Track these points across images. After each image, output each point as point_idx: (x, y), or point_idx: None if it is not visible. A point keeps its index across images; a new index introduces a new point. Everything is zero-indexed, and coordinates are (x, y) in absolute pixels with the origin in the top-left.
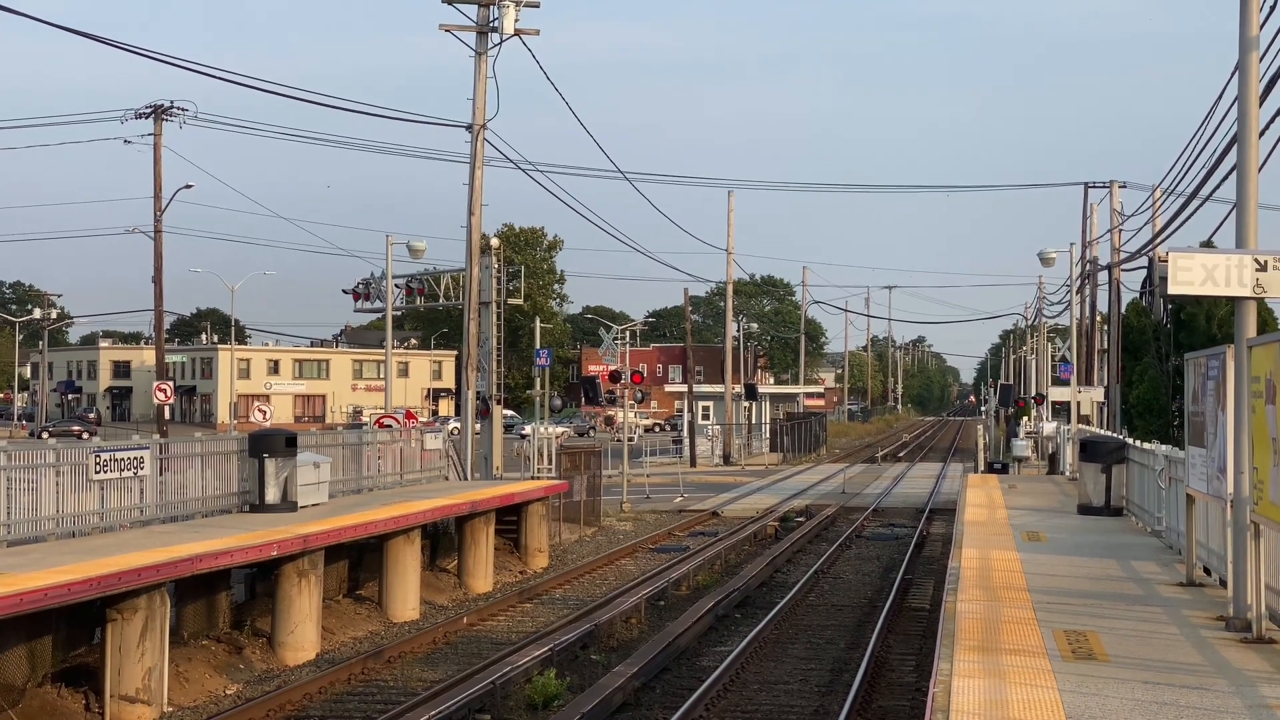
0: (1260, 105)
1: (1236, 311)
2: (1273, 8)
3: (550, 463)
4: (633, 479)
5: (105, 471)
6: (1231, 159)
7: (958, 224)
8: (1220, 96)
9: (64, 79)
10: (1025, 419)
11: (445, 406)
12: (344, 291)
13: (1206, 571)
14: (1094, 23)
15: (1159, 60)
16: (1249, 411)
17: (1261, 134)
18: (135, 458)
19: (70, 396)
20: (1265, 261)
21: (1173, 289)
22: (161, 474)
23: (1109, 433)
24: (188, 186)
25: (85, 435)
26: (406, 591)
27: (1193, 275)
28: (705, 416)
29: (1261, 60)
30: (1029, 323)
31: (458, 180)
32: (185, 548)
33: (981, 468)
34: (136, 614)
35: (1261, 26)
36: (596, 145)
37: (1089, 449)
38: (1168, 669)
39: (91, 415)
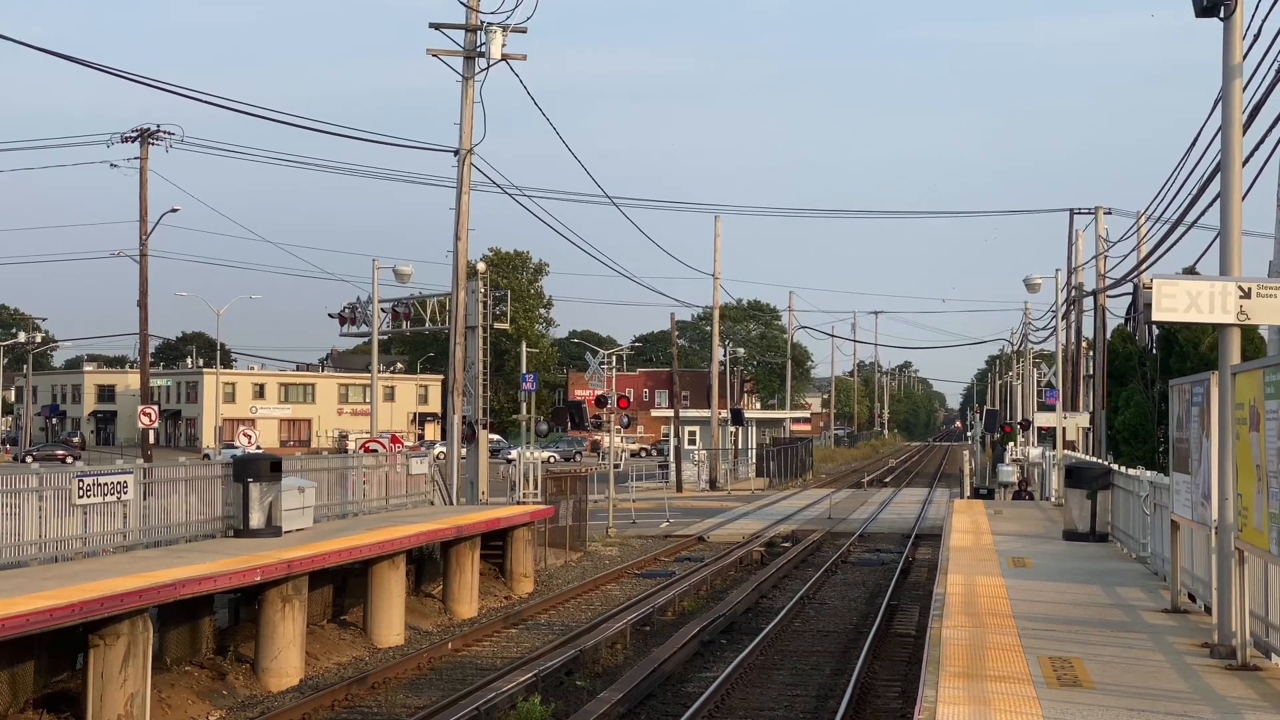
0: (1244, 134)
1: (1220, 338)
2: (1256, 37)
3: (536, 487)
4: (619, 504)
5: (88, 496)
6: (1215, 186)
7: (944, 249)
8: (1205, 125)
9: (49, 104)
10: (1011, 444)
11: (431, 431)
12: (330, 315)
13: (1191, 598)
14: (1082, 51)
15: (1146, 87)
16: (1233, 438)
17: (1245, 162)
18: (119, 482)
19: (54, 420)
20: (1249, 288)
21: (1157, 315)
22: (145, 498)
23: (1094, 458)
24: (173, 210)
25: (69, 459)
26: (391, 617)
27: (1177, 302)
28: (692, 441)
29: (1245, 90)
30: (1015, 348)
31: (444, 204)
32: (169, 573)
33: (967, 493)
34: (119, 640)
35: (1245, 56)
36: (584, 170)
37: (1074, 475)
38: (1153, 696)
39: (76, 439)
